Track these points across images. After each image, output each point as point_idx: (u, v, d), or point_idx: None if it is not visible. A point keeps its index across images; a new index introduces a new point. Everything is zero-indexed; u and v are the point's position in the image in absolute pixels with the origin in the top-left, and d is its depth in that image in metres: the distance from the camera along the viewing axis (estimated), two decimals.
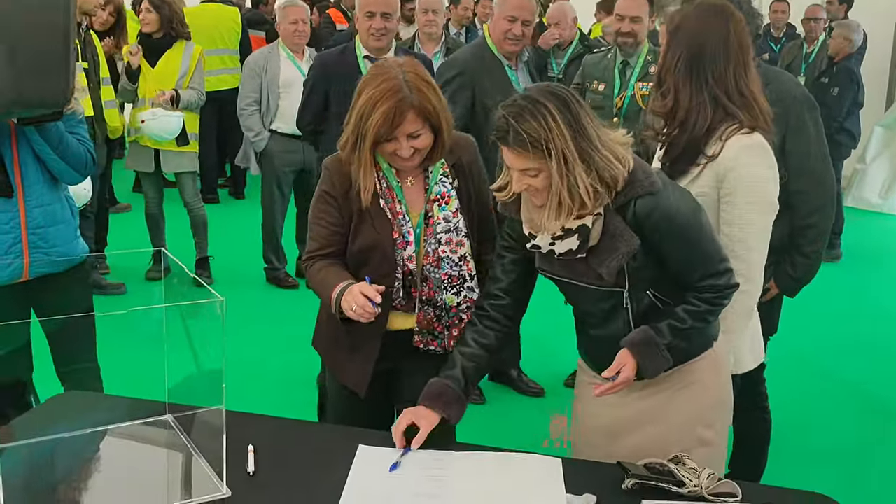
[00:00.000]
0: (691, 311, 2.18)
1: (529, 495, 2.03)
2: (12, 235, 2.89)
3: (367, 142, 2.29)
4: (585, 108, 2.10)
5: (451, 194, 2.44)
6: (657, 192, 2.11)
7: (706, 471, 2.05)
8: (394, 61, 2.36)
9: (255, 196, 6.26)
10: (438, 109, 2.31)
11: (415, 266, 2.42)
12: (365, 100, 2.27)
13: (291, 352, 4.93)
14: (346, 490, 2.02)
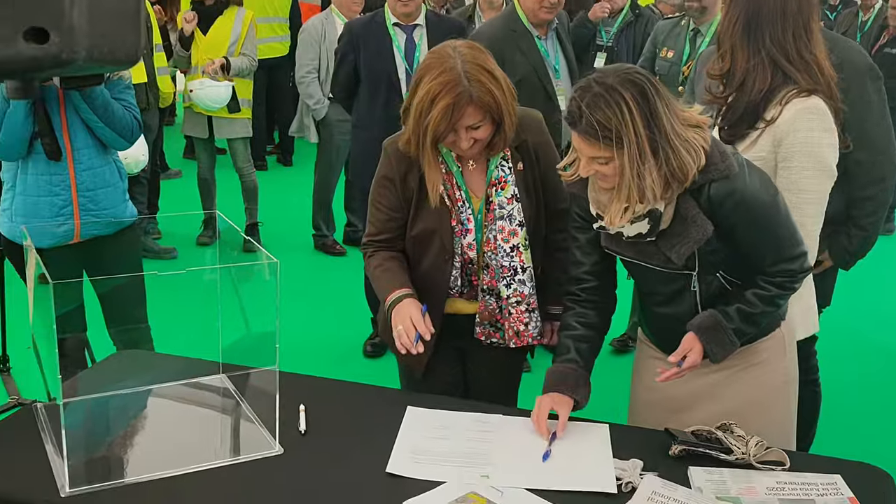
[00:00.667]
0: (762, 295, 2.12)
1: (577, 460, 2.04)
2: (63, 198, 2.97)
3: (427, 138, 2.21)
4: (663, 96, 1.99)
5: (508, 179, 2.35)
6: (733, 176, 2.02)
7: (754, 438, 2.04)
8: (452, 48, 2.22)
9: (303, 163, 6.32)
10: (500, 99, 2.19)
11: (475, 254, 2.38)
12: (423, 94, 2.18)
13: (338, 317, 5.00)
14: (396, 449, 2.05)
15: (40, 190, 2.98)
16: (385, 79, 4.15)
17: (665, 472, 1.99)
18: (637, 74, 1.99)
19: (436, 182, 2.29)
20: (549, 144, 2.42)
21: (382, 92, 4.17)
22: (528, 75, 3.86)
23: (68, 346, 2.94)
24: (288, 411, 2.15)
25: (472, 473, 1.98)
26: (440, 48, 2.26)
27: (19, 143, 2.87)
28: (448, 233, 2.35)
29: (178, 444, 2.10)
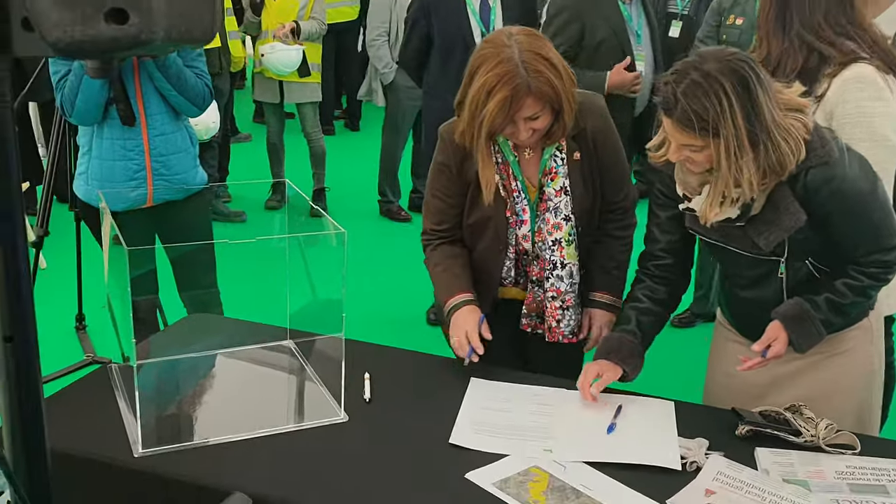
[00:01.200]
0: (853, 285, 2.03)
1: (641, 437, 2.03)
2: (136, 162, 3.04)
3: (483, 132, 2.12)
4: (765, 83, 1.89)
5: (559, 170, 2.27)
6: (832, 162, 1.93)
7: (824, 421, 2.00)
8: (507, 35, 2.12)
9: (370, 128, 6.34)
10: (559, 88, 2.09)
11: (529, 245, 2.34)
12: (479, 86, 2.09)
13: (402, 284, 5.03)
14: (459, 420, 2.07)
15: (115, 154, 3.04)
16: (460, 42, 4.12)
17: (731, 453, 1.96)
18: (739, 61, 1.88)
19: (490, 179, 2.23)
20: (610, 131, 2.31)
21: (457, 56, 4.13)
22: (608, 38, 3.83)
23: (141, 309, 3.01)
24: (352, 378, 2.18)
25: (535, 447, 1.98)
26: (495, 36, 2.16)
27: (95, 109, 2.94)
28: (503, 224, 2.31)
29: (245, 408, 2.14)
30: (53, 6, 0.69)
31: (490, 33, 2.20)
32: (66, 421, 2.03)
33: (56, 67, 2.95)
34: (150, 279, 3.16)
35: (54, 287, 4.59)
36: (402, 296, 4.92)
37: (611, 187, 2.34)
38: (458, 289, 2.31)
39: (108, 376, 2.24)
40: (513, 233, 2.33)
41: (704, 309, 4.46)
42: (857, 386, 2.21)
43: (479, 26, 4.12)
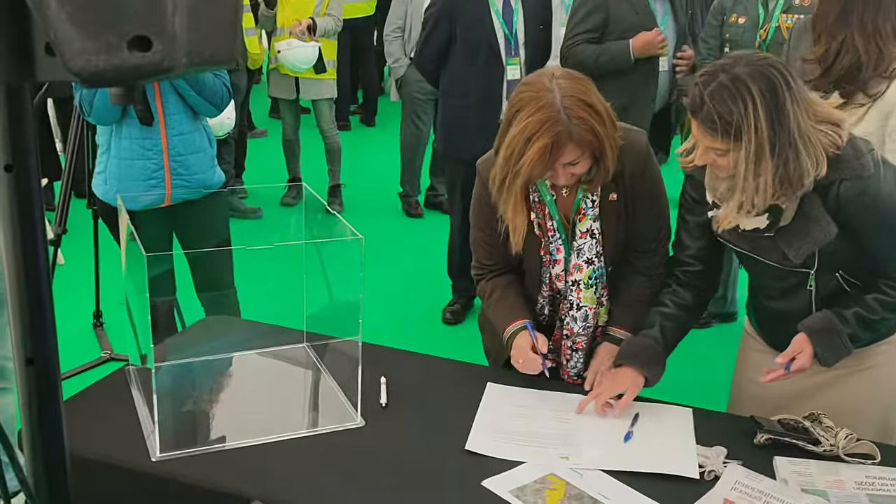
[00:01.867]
0: (884, 301, 2.00)
1: (659, 443, 2.02)
2: (155, 162, 3.05)
3: (519, 179, 2.04)
4: (795, 92, 1.84)
5: (588, 212, 2.21)
6: (867, 176, 1.89)
7: (843, 430, 1.99)
8: (549, 78, 2.02)
9: (386, 124, 6.34)
10: (602, 135, 2.00)
11: (562, 284, 2.29)
12: (518, 131, 1.99)
13: (418, 282, 5.03)
14: (475, 427, 2.06)
15: (133, 154, 3.05)
16: (484, 43, 4.10)
17: (749, 461, 1.95)
18: (770, 67, 1.85)
19: (520, 225, 2.16)
20: (650, 171, 2.22)
21: (481, 58, 4.11)
22: (633, 27, 3.87)
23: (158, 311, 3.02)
24: (369, 382, 2.18)
25: (552, 454, 1.98)
26: (537, 78, 2.05)
27: (113, 109, 2.94)
28: (536, 263, 2.28)
29: (262, 412, 2.15)
30: (77, 35, 0.68)
31: (529, 75, 2.10)
32: (84, 424, 2.04)
33: None
34: (167, 280, 3.17)
35: (72, 284, 4.61)
36: (418, 293, 4.92)
37: (647, 227, 2.27)
38: (513, 316, 2.27)
39: (126, 378, 2.24)
40: (546, 272, 2.30)
41: (721, 309, 4.43)
42: (884, 401, 2.18)
43: (503, 28, 4.10)
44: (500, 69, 4.12)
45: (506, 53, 4.12)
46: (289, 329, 2.52)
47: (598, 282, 2.29)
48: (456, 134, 4.31)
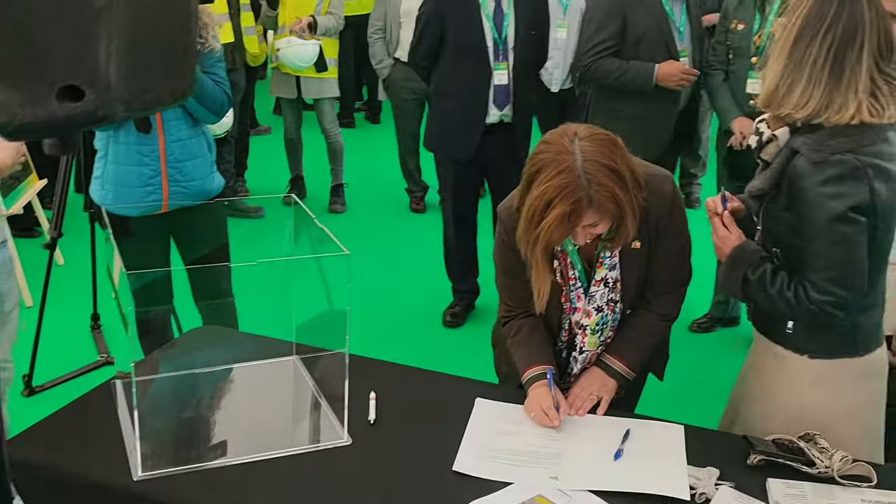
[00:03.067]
0: (793, 287, 1.96)
1: (649, 464, 1.98)
2: (152, 168, 3.01)
3: (539, 245, 1.98)
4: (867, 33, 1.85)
5: (605, 261, 2.17)
6: (818, 165, 1.86)
7: (839, 452, 1.94)
8: (571, 138, 1.95)
9: (391, 121, 6.31)
10: (623, 201, 1.93)
11: (579, 331, 2.28)
12: (537, 195, 1.93)
13: (419, 281, 4.99)
14: (463, 446, 2.03)
15: (131, 160, 3.01)
16: (473, 46, 4.07)
17: (742, 483, 1.91)
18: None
19: (543, 288, 2.10)
20: (676, 215, 2.16)
21: (469, 60, 4.10)
22: (648, 30, 3.85)
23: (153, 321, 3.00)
24: (359, 396, 2.15)
25: (541, 474, 1.94)
26: (558, 137, 1.98)
27: None
28: (557, 310, 2.24)
29: (247, 429, 2.12)
30: None
31: (552, 133, 2.02)
32: (67, 440, 2.02)
33: None
34: (162, 288, 3.14)
35: (71, 285, 4.60)
36: (417, 294, 4.89)
37: (667, 270, 2.23)
38: (535, 360, 2.22)
39: (112, 392, 2.22)
40: (567, 318, 2.27)
41: (724, 314, 4.38)
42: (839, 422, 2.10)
43: (493, 31, 4.06)
44: (488, 72, 4.10)
45: (493, 57, 4.08)
46: (278, 341, 2.49)
47: (605, 327, 2.26)
48: (444, 133, 4.31)
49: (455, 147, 4.26)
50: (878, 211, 1.89)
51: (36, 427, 2.09)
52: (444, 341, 4.43)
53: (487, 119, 4.16)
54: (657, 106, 3.98)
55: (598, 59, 3.91)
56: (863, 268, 1.91)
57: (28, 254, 4.77)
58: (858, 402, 2.12)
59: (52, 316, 4.01)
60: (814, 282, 1.93)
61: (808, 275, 1.94)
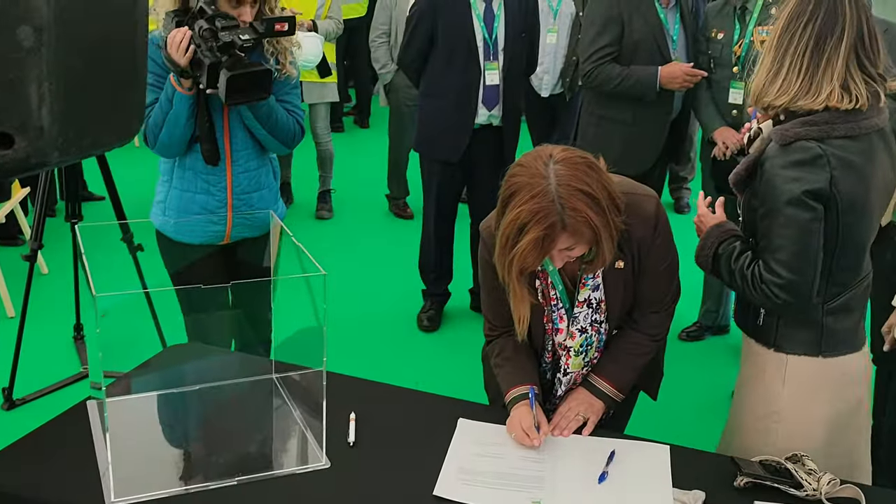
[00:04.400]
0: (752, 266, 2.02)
1: (634, 487, 1.94)
2: (218, 198, 2.81)
3: (514, 269, 1.95)
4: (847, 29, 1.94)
5: (588, 282, 2.15)
6: (783, 148, 1.94)
7: (827, 475, 1.91)
8: (545, 161, 1.92)
9: (380, 125, 6.29)
10: (598, 225, 1.90)
11: (564, 351, 2.24)
12: (511, 218, 1.90)
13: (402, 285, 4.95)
14: (444, 468, 1.98)
15: (197, 187, 2.80)
16: (464, 47, 4.07)
17: None
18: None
19: (523, 314, 2.08)
20: (660, 235, 2.13)
21: (460, 60, 4.09)
22: (645, 38, 3.87)
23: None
24: (338, 416, 2.11)
25: (524, 498, 1.90)
26: (532, 160, 1.95)
27: (179, 144, 2.71)
28: (540, 331, 2.21)
29: (224, 452, 2.06)
30: None
31: (526, 155, 2.00)
32: (41, 464, 1.96)
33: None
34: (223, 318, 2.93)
35: (54, 296, 4.55)
36: (401, 296, 4.86)
37: (654, 290, 2.20)
38: (518, 380, 2.19)
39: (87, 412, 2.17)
40: (549, 339, 2.24)
41: (713, 322, 4.35)
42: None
43: (483, 32, 4.05)
44: (478, 72, 4.09)
45: (484, 57, 4.06)
46: (257, 358, 2.44)
47: (589, 349, 2.23)
48: (432, 134, 4.28)
49: (443, 148, 4.24)
50: (838, 201, 1.94)
51: (8, 450, 2.04)
52: (421, 346, 4.43)
53: (476, 120, 4.14)
54: (649, 113, 3.96)
55: (600, 65, 3.88)
56: (816, 256, 1.95)
57: (11, 263, 4.71)
58: (832, 408, 2.12)
59: (35, 326, 3.96)
60: (766, 261, 1.99)
61: (762, 255, 2.00)
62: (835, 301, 2.05)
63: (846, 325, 2.09)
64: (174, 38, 2.54)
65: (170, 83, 2.64)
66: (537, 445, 2.05)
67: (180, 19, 2.59)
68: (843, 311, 2.07)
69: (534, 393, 2.14)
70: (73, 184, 3.71)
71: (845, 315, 2.07)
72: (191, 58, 2.55)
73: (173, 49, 2.54)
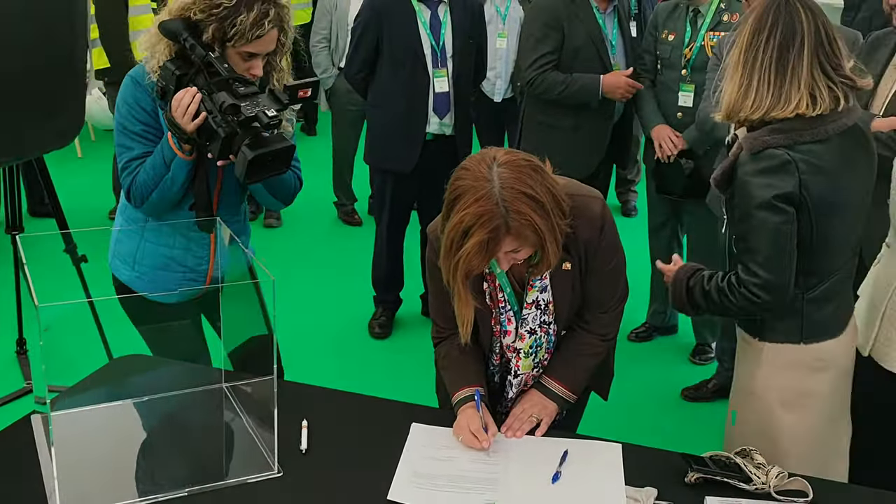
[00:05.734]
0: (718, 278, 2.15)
1: (587, 486, 1.95)
2: (199, 256, 2.52)
3: (459, 273, 1.95)
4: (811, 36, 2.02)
5: (535, 283, 2.15)
6: (754, 157, 2.02)
7: (775, 468, 1.94)
8: (489, 164, 1.91)
9: (327, 132, 6.25)
10: (542, 228, 1.89)
11: (513, 353, 2.25)
12: (455, 222, 1.89)
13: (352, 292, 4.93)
14: (398, 473, 1.98)
15: (175, 243, 2.49)
16: (410, 55, 4.04)
17: (680, 501, 1.90)
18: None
19: (467, 318, 2.08)
20: (606, 236, 2.14)
21: (408, 68, 4.06)
22: (585, 44, 3.92)
23: None
24: (291, 424, 2.09)
25: (478, 500, 1.90)
26: (476, 164, 1.93)
27: (169, 207, 2.41)
28: (487, 333, 2.22)
29: (173, 463, 2.04)
30: None
31: (471, 158, 1.98)
32: None
33: (124, 141, 2.37)
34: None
35: None
36: (350, 303, 4.84)
37: (603, 290, 2.21)
38: (464, 382, 2.18)
39: (32, 427, 2.12)
40: (497, 341, 2.24)
41: (661, 322, 4.40)
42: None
43: (430, 39, 4.04)
44: (427, 80, 4.07)
45: (432, 65, 4.05)
46: (207, 368, 2.40)
47: (539, 349, 2.24)
48: (382, 144, 4.26)
49: (395, 159, 4.22)
50: (809, 203, 2.02)
51: None
52: (373, 354, 4.42)
53: (428, 129, 4.13)
54: (591, 119, 4.01)
55: (543, 73, 3.91)
56: (791, 256, 2.05)
57: None
58: (807, 394, 2.18)
59: None
60: (745, 263, 2.08)
61: (741, 257, 2.09)
62: (814, 291, 2.14)
63: (824, 313, 2.17)
64: (181, 100, 2.18)
65: (167, 145, 2.29)
66: (486, 447, 2.05)
67: (183, 73, 2.21)
68: (822, 301, 2.15)
69: (479, 395, 2.14)
70: (14, 195, 3.63)
71: (824, 304, 2.16)
72: (200, 125, 2.21)
73: (179, 113, 2.19)
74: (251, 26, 2.19)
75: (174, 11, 2.23)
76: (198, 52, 2.19)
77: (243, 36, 2.20)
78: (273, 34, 2.27)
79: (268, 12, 2.21)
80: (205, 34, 2.20)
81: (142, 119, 2.34)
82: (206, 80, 2.19)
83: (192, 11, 2.20)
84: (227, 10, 2.18)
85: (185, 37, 2.19)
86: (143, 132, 2.35)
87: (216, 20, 2.19)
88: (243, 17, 2.18)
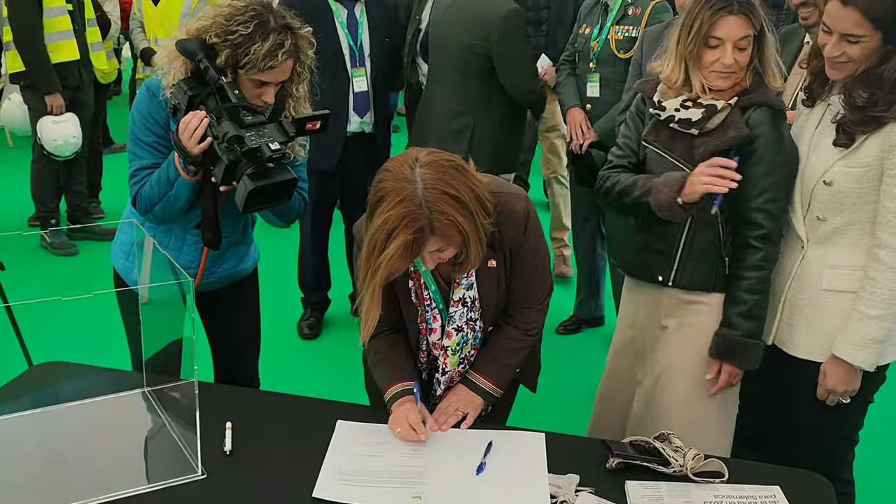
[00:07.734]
0: (752, 287, 2.30)
1: (510, 476, 1.98)
2: (189, 258, 2.53)
3: (380, 274, 1.94)
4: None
5: (462, 281, 2.16)
6: (778, 109, 2.27)
7: (692, 451, 2.00)
8: (411, 164, 1.92)
9: None
10: (466, 229, 1.91)
11: (439, 352, 2.26)
12: (379, 223, 1.89)
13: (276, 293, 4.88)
14: (324, 470, 1.98)
15: (170, 243, 2.52)
16: (330, 54, 4.02)
17: (602, 487, 1.94)
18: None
19: (372, 320, 2.06)
20: (529, 235, 2.16)
21: (327, 68, 4.02)
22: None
23: None
24: (215, 426, 2.08)
25: (404, 495, 1.91)
26: (398, 165, 1.94)
27: (173, 218, 2.43)
28: (415, 331, 2.24)
29: (94, 469, 2.00)
30: None
31: (393, 159, 1.99)
32: None
33: (135, 150, 2.38)
34: None
35: None
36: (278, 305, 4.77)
37: (529, 286, 2.23)
38: (397, 377, 2.18)
39: None
40: (424, 339, 2.26)
41: (589, 314, 4.47)
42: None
43: (347, 38, 4.04)
44: (347, 80, 4.07)
45: (351, 64, 4.05)
46: (128, 373, 2.37)
47: (465, 346, 2.25)
48: (312, 154, 4.21)
49: (317, 158, 4.19)
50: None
51: None
52: (303, 354, 4.40)
53: (349, 128, 4.12)
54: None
55: None
56: None
57: None
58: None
59: None
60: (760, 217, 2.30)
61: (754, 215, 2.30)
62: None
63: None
64: (188, 123, 2.18)
65: (173, 164, 2.29)
66: (424, 440, 2.07)
67: (195, 94, 2.21)
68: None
69: (418, 388, 2.16)
70: None
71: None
72: (205, 149, 2.21)
73: (186, 136, 2.19)
74: (264, 56, 2.20)
75: (192, 32, 2.23)
76: (211, 74, 2.20)
77: (255, 65, 2.21)
78: (287, 65, 2.28)
79: (283, 43, 2.23)
80: (219, 58, 2.21)
81: (154, 130, 2.35)
82: (216, 104, 2.19)
83: (209, 35, 2.21)
84: (242, 37, 2.19)
85: (201, 58, 2.20)
86: (155, 143, 2.36)
87: (230, 46, 2.20)
88: (257, 47, 2.19)
